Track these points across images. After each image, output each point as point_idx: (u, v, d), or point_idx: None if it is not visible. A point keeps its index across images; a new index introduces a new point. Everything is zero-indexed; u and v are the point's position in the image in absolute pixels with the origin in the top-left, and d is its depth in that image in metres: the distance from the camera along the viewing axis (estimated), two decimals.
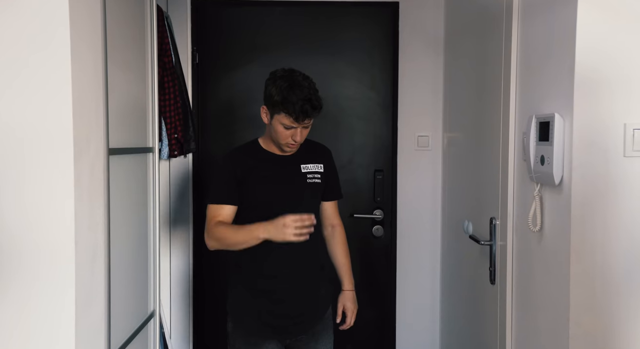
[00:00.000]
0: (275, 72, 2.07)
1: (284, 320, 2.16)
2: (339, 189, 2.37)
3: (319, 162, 2.24)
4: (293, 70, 2.08)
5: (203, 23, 3.06)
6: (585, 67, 1.50)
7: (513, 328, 1.98)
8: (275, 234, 1.95)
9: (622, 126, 1.49)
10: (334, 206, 2.36)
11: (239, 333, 2.18)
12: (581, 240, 1.53)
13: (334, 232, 2.35)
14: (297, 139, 2.07)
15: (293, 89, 1.99)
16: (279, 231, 1.94)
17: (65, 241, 1.44)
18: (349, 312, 2.32)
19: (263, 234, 1.98)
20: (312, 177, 2.20)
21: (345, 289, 2.34)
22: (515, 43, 1.93)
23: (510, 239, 1.97)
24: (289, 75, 2.04)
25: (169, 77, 2.59)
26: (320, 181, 2.22)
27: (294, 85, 2.00)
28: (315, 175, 2.21)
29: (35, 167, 1.43)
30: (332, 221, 2.35)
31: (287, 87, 1.99)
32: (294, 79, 2.02)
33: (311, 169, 2.21)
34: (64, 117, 1.42)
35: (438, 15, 3.06)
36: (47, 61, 1.42)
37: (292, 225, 1.93)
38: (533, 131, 1.71)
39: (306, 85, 2.01)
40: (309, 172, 2.21)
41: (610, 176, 1.50)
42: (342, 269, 2.34)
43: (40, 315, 1.46)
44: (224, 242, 2.06)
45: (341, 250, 2.34)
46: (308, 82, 2.03)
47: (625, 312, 1.52)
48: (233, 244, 2.05)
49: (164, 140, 2.55)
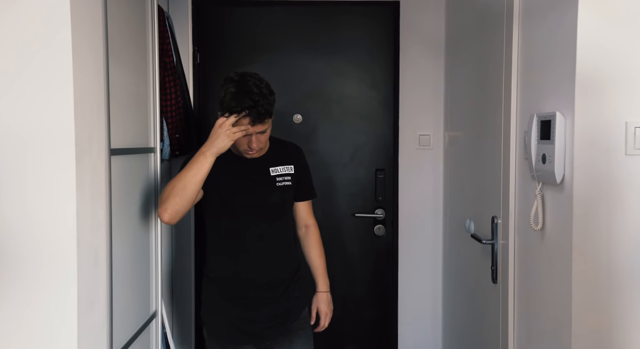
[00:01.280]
0: (228, 77, 2.02)
1: (258, 325, 2.15)
2: (312, 188, 2.33)
3: (288, 164, 2.20)
4: (245, 73, 2.01)
5: (204, 23, 3.07)
6: (587, 66, 1.50)
7: (515, 327, 1.98)
8: (216, 141, 1.91)
9: (624, 124, 1.49)
10: (308, 205, 2.32)
11: (214, 339, 2.19)
12: (583, 238, 1.52)
13: (307, 232, 2.32)
14: (252, 145, 2.02)
15: (239, 94, 1.93)
16: (218, 137, 1.91)
17: (67, 242, 1.44)
18: (322, 314, 2.29)
19: (206, 148, 1.92)
20: (281, 180, 2.16)
21: (320, 290, 2.30)
22: (517, 41, 1.93)
23: (512, 238, 1.97)
24: (238, 80, 1.97)
25: (170, 77, 2.59)
26: (290, 183, 2.18)
27: (240, 90, 1.93)
28: (286, 177, 2.17)
29: (37, 168, 1.43)
30: (306, 221, 2.32)
31: (234, 92, 1.93)
32: (242, 83, 1.95)
33: (281, 171, 2.17)
34: (65, 118, 1.42)
35: (439, 14, 3.06)
36: (49, 62, 1.42)
37: (224, 125, 1.91)
38: (534, 129, 1.70)
39: (252, 91, 1.93)
40: (278, 175, 2.17)
41: (612, 174, 1.50)
42: (317, 270, 2.30)
43: (42, 316, 1.46)
44: (174, 189, 1.89)
45: (316, 251, 2.31)
46: (257, 86, 1.95)
47: (628, 310, 1.52)
48: (185, 182, 1.90)
49: (165, 140, 2.55)
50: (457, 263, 2.80)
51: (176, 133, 2.60)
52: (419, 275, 3.17)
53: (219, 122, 1.93)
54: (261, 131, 2.00)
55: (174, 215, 1.90)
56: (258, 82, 1.97)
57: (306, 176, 2.28)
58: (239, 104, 1.92)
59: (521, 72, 1.91)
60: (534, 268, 1.82)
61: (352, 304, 3.15)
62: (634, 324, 1.52)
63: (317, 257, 2.30)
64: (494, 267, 2.11)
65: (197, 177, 1.90)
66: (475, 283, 2.42)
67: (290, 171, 2.19)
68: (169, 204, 1.89)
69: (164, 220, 1.90)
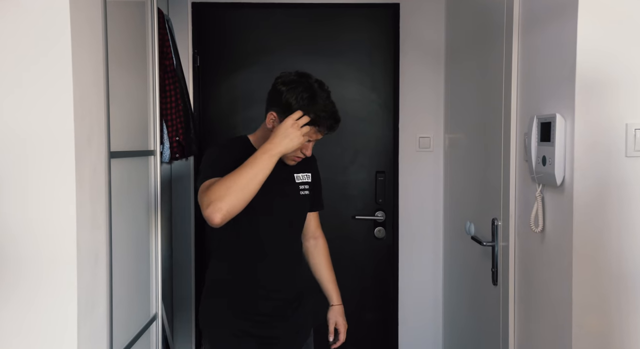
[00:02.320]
0: (288, 77, 1.85)
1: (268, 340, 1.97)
2: (322, 198, 2.21)
3: (307, 171, 2.07)
4: (308, 75, 1.87)
5: (204, 26, 3.07)
6: (587, 67, 1.50)
7: (516, 329, 1.98)
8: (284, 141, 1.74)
9: (624, 126, 1.49)
10: (317, 217, 2.20)
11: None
12: (584, 240, 1.52)
13: (317, 244, 2.19)
14: (307, 153, 1.89)
15: (315, 100, 1.80)
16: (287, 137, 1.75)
17: (67, 244, 1.44)
18: (342, 328, 2.18)
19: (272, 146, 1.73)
20: (303, 189, 2.04)
21: (335, 303, 2.18)
22: (517, 43, 1.93)
23: (513, 240, 1.97)
24: (306, 83, 1.83)
25: (170, 80, 2.59)
26: (308, 192, 2.05)
27: (315, 96, 1.81)
28: (305, 186, 2.05)
29: (37, 171, 1.44)
30: (315, 233, 2.19)
31: (309, 98, 1.80)
32: (313, 88, 1.82)
33: (302, 179, 2.04)
34: (65, 121, 1.43)
35: (439, 17, 3.06)
36: (49, 66, 1.42)
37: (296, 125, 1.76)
38: (534, 131, 1.70)
39: (325, 97, 1.83)
40: (301, 183, 2.04)
41: (612, 176, 1.50)
42: (329, 284, 2.18)
43: (42, 318, 1.46)
44: (231, 188, 1.66)
45: (326, 263, 2.20)
46: (326, 92, 1.85)
47: (629, 313, 1.52)
48: (246, 182, 1.67)
49: (165, 143, 2.55)
50: (458, 265, 2.80)
51: (176, 136, 2.60)
52: (419, 277, 3.17)
53: (289, 121, 1.75)
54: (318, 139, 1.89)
55: (228, 216, 1.66)
56: (322, 85, 1.87)
57: (319, 186, 2.17)
58: (318, 109, 1.79)
59: (521, 74, 1.91)
60: (534, 270, 1.82)
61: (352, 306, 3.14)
62: (635, 327, 1.52)
63: (328, 270, 2.19)
64: (494, 269, 2.10)
65: (258, 177, 1.69)
66: (476, 285, 2.41)
67: (308, 179, 2.07)
68: (225, 203, 1.63)
69: (216, 221, 1.64)
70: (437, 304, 3.17)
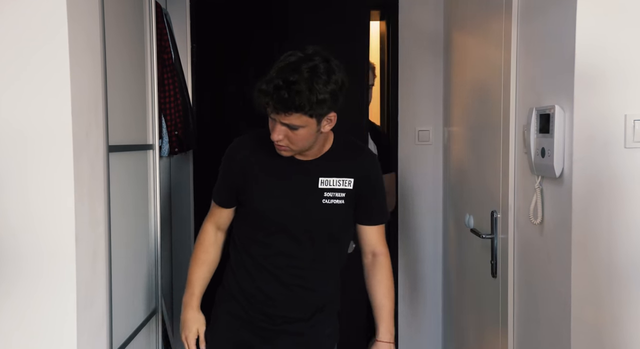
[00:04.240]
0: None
1: None
2: (385, 208, 1.84)
3: (347, 176, 1.70)
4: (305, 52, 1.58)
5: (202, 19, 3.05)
6: (586, 59, 1.49)
7: (515, 321, 1.98)
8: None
9: (623, 117, 1.48)
10: (379, 230, 1.82)
11: None
12: (583, 232, 1.52)
13: (375, 262, 1.82)
14: (273, 136, 1.59)
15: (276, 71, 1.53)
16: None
17: (66, 239, 1.44)
18: None
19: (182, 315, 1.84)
20: (330, 196, 1.69)
21: (381, 340, 1.78)
22: (515, 35, 1.92)
23: (512, 232, 1.97)
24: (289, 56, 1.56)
25: (169, 73, 2.58)
26: (343, 201, 1.70)
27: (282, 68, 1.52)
28: (337, 194, 1.69)
29: (35, 165, 1.43)
30: (375, 248, 1.82)
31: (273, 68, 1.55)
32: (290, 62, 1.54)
33: (333, 184, 1.69)
34: (63, 115, 1.42)
35: (438, 9, 3.05)
36: (46, 59, 1.42)
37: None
38: (533, 123, 1.70)
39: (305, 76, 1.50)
40: (327, 189, 1.69)
41: (611, 168, 1.50)
42: (382, 313, 1.79)
43: (42, 313, 1.46)
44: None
45: (383, 288, 1.80)
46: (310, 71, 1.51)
47: (627, 305, 1.52)
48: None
49: (164, 137, 2.54)
50: (457, 257, 2.80)
51: (175, 130, 2.60)
52: (418, 270, 3.17)
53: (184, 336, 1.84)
54: (288, 124, 1.55)
55: None
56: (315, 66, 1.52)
57: (377, 194, 1.80)
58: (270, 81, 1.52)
59: (520, 66, 1.91)
60: (533, 262, 1.82)
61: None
62: (633, 318, 1.52)
63: (384, 296, 1.80)
64: (493, 261, 2.10)
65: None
66: (475, 277, 2.42)
67: (347, 185, 1.70)
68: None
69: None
70: (437, 297, 3.18)
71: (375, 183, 1.78)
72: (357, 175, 1.72)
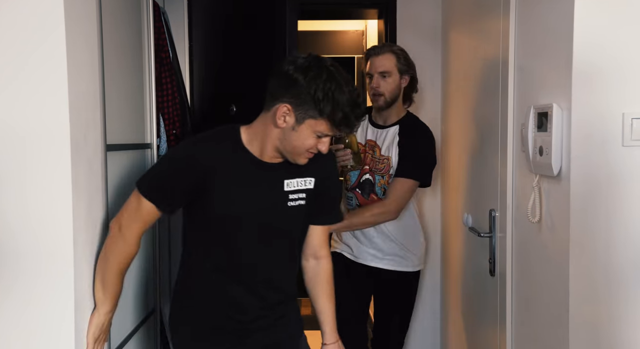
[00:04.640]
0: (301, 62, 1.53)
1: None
2: (335, 211, 1.81)
3: (308, 176, 1.66)
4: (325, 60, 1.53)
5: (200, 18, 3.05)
6: (583, 57, 1.49)
7: (513, 320, 1.98)
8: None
9: (621, 115, 1.48)
10: (325, 232, 1.79)
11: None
12: (581, 230, 1.52)
13: (318, 265, 1.80)
14: (323, 149, 1.57)
15: (341, 90, 1.49)
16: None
17: (64, 238, 1.44)
18: None
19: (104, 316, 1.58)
20: (295, 198, 1.65)
21: (328, 342, 1.79)
22: (513, 33, 1.92)
23: (510, 231, 1.97)
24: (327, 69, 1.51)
25: (167, 72, 2.58)
26: (304, 202, 1.66)
27: (340, 85, 1.50)
28: (300, 195, 1.65)
29: (33, 164, 1.43)
30: (318, 252, 1.79)
31: (336, 88, 1.49)
32: (335, 76, 1.51)
33: (296, 186, 1.65)
34: (60, 115, 1.42)
35: (435, 6, 3.06)
36: (43, 59, 1.41)
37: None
38: (531, 121, 1.70)
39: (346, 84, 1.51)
40: (292, 191, 1.65)
41: (609, 166, 1.50)
42: (326, 316, 1.79)
43: (40, 313, 1.45)
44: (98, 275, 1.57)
45: (327, 292, 1.80)
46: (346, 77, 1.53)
47: (625, 303, 1.52)
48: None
49: (162, 136, 2.54)
50: (455, 256, 2.80)
51: (173, 129, 2.60)
52: None
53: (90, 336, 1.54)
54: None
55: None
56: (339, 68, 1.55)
57: (332, 193, 1.77)
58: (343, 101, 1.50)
59: (518, 63, 1.91)
60: (531, 260, 1.82)
61: None
62: (631, 316, 1.52)
63: (327, 300, 1.80)
64: (491, 260, 2.11)
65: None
66: (473, 276, 2.42)
67: (308, 185, 1.66)
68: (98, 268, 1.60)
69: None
70: (435, 295, 3.18)
71: (332, 184, 1.76)
72: (319, 176, 1.69)
